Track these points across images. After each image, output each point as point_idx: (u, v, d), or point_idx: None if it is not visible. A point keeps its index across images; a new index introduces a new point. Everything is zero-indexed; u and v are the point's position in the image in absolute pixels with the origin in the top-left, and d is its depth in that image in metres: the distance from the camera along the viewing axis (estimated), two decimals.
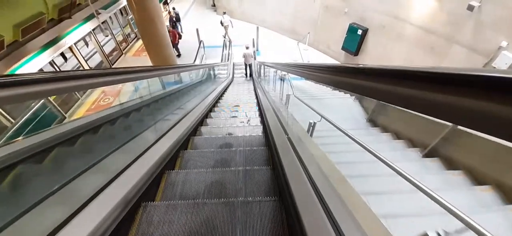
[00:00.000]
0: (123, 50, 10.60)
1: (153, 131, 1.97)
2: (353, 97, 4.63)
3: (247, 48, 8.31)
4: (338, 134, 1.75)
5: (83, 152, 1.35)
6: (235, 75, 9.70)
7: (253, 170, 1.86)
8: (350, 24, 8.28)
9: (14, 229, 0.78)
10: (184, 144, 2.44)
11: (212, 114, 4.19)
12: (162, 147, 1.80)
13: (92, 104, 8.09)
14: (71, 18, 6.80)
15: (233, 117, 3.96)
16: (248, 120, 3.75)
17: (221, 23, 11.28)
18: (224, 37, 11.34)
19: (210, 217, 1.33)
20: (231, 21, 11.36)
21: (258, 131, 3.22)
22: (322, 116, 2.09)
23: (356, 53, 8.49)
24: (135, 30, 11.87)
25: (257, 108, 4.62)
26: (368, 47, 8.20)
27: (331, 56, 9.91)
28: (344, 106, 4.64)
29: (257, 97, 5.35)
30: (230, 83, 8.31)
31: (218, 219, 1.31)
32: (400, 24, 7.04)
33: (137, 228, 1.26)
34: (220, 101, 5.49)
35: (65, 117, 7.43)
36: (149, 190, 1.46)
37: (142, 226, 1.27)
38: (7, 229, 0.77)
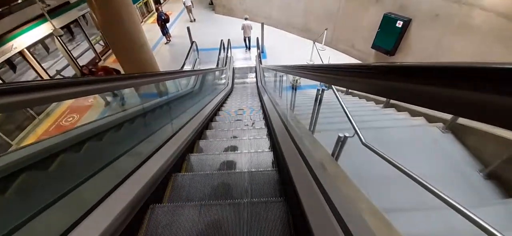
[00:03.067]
0: (101, 55, 8.85)
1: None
2: (440, 126, 2.58)
3: (245, 19, 8.46)
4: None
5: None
6: (235, 83, 7.78)
7: None
8: (385, 14, 6.29)
9: (25, 231, 0.78)
10: None
11: (191, 157, 2.24)
12: None
13: (52, 124, 6.30)
14: (11, 13, 5.04)
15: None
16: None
17: (184, 3, 11.81)
18: (191, 20, 12.12)
19: None
20: (192, 2, 11.87)
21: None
22: None
23: (392, 52, 6.47)
24: None
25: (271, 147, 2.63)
26: (410, 43, 6.17)
27: (355, 57, 7.91)
28: (422, 143, 2.58)
29: (267, 123, 3.39)
30: (229, 94, 6.39)
31: None
32: (464, 10, 5.01)
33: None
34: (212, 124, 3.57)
35: (10, 145, 5.62)
36: None
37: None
38: (20, 231, 0.77)
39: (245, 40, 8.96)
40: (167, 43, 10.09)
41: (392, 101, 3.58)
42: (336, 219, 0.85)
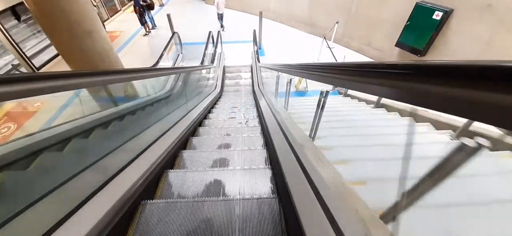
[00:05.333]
0: None
1: None
2: None
3: None
4: None
5: None
6: (226, 80, 6.31)
7: None
8: (417, 3, 4.97)
9: (10, 227, 0.75)
10: None
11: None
12: None
13: None
14: None
15: None
16: None
17: None
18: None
19: None
20: None
21: None
22: None
23: (424, 51, 5.17)
24: None
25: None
26: (449, 41, 4.88)
27: (372, 57, 6.59)
28: None
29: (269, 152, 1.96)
30: (216, 102, 4.93)
31: None
32: None
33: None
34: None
35: None
36: None
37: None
38: (4, 227, 0.74)
39: (218, 17, 8.67)
40: (146, 34, 8.51)
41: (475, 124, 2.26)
42: None
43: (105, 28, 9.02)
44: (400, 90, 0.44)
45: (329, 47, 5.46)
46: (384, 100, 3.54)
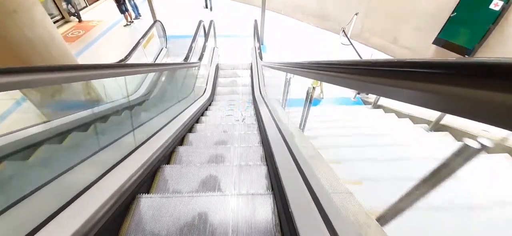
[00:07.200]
0: None
1: None
2: None
3: None
4: None
5: None
6: (219, 83, 5.13)
7: None
8: None
9: (3, 219, 0.74)
10: None
11: None
12: None
13: None
14: None
15: None
16: None
17: None
18: None
19: None
20: None
21: None
22: None
23: (474, 51, 4.06)
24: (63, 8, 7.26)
25: None
26: (507, 38, 3.77)
27: (397, 56, 5.47)
28: None
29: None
30: (202, 113, 3.73)
31: None
32: None
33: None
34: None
35: None
36: None
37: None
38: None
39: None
40: (127, 25, 7.28)
41: None
42: None
43: (80, 17, 7.76)
44: None
45: (350, 42, 4.31)
46: (446, 119, 2.42)
